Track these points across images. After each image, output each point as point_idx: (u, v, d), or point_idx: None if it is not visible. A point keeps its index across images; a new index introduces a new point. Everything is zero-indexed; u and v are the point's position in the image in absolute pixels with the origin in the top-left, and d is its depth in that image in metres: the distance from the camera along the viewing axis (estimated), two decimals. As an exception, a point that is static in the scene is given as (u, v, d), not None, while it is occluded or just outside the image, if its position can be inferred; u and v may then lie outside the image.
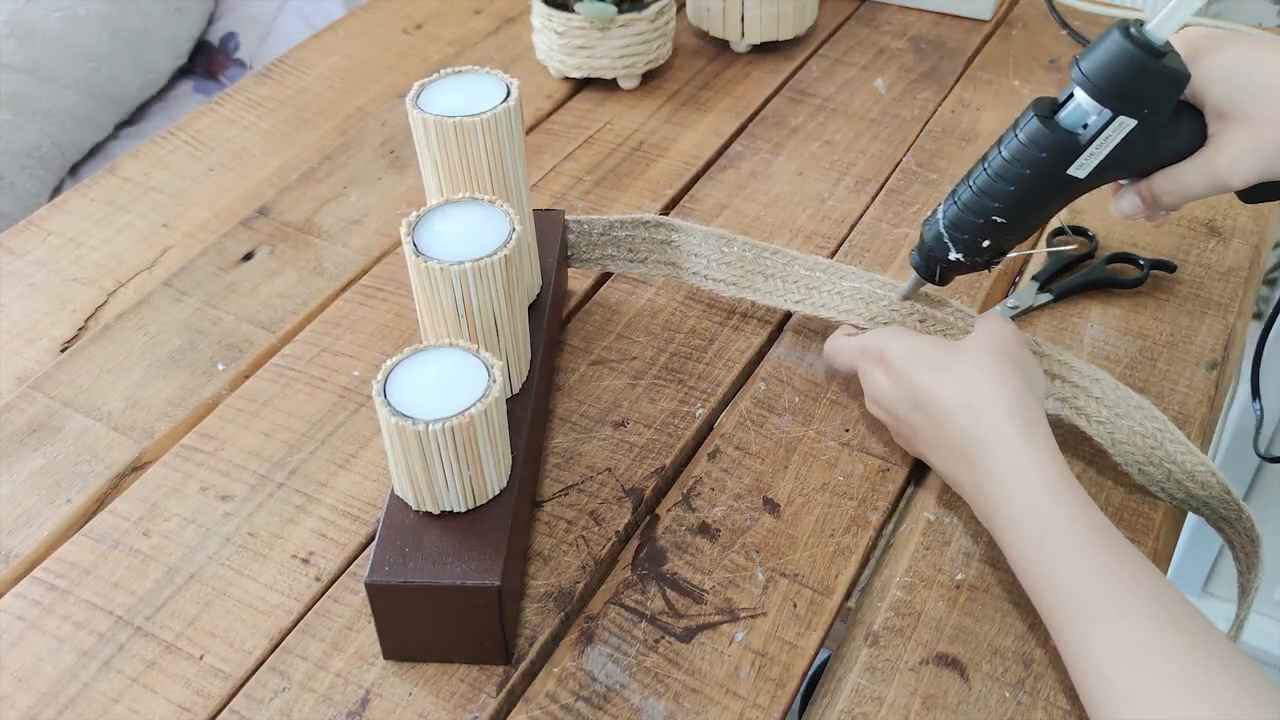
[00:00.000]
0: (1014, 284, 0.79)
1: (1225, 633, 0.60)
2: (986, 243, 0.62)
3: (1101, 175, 0.60)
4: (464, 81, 0.65)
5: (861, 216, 0.84)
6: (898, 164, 0.89)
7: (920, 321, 0.67)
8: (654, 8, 0.94)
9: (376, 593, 0.54)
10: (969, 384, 0.58)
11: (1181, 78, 0.57)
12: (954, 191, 0.63)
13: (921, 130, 0.92)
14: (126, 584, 0.61)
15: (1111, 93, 0.57)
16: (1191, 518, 0.66)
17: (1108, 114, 0.57)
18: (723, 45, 1.03)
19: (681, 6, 1.06)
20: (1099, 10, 1.04)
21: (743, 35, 1.00)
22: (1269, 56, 0.58)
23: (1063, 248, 0.79)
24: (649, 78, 0.99)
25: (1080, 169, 0.59)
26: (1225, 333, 0.74)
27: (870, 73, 0.99)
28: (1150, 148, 0.60)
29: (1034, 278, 0.77)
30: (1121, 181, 0.64)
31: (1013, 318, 0.75)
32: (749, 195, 0.86)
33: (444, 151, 0.63)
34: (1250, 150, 0.58)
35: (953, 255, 0.63)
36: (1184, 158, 0.60)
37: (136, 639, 0.59)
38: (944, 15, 1.06)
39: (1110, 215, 0.82)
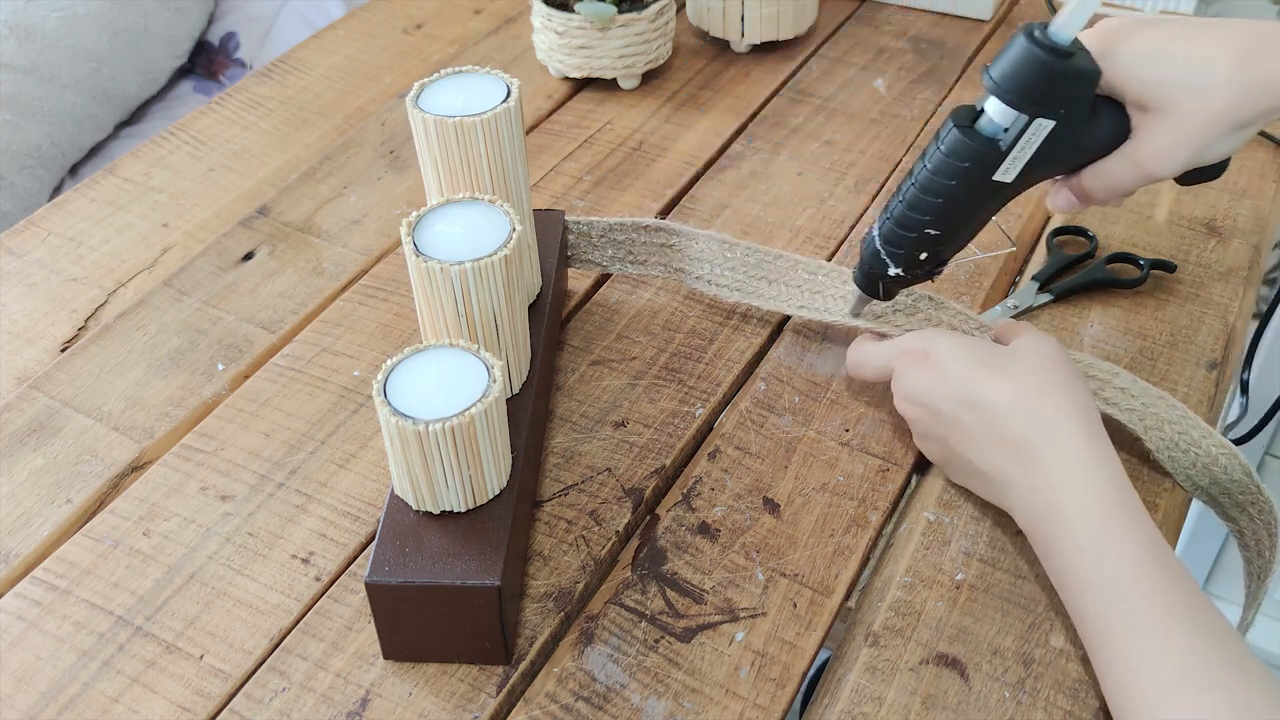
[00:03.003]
0: (1014, 284, 0.79)
1: (1238, 624, 0.60)
2: (924, 255, 0.62)
3: (1029, 177, 0.60)
4: (464, 81, 0.65)
5: (861, 216, 0.84)
6: (898, 164, 0.89)
7: (924, 323, 0.67)
8: (654, 8, 0.94)
9: (376, 593, 0.54)
10: (1031, 385, 0.58)
11: (1092, 74, 0.57)
12: (887, 207, 0.63)
13: (921, 130, 0.92)
14: (126, 584, 0.61)
15: (1024, 96, 0.56)
16: (1191, 518, 0.66)
17: (1024, 118, 0.57)
18: (723, 45, 1.03)
19: (681, 6, 1.06)
20: (1098, 10, 1.04)
21: (743, 35, 1.00)
22: (1178, 46, 0.57)
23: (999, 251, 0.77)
24: (649, 78, 0.99)
25: (1006, 174, 0.59)
26: (1225, 333, 0.74)
27: (870, 73, 0.99)
28: (1073, 145, 0.60)
29: (1034, 278, 0.77)
30: (1055, 178, 0.64)
31: (1012, 318, 0.75)
32: (749, 195, 0.86)
33: (444, 151, 0.63)
34: (1174, 143, 0.58)
35: (892, 271, 0.63)
36: (1110, 150, 0.60)
37: (136, 639, 0.59)
38: (944, 15, 1.06)
39: (1110, 215, 0.82)
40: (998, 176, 0.59)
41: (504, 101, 0.63)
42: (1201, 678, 0.48)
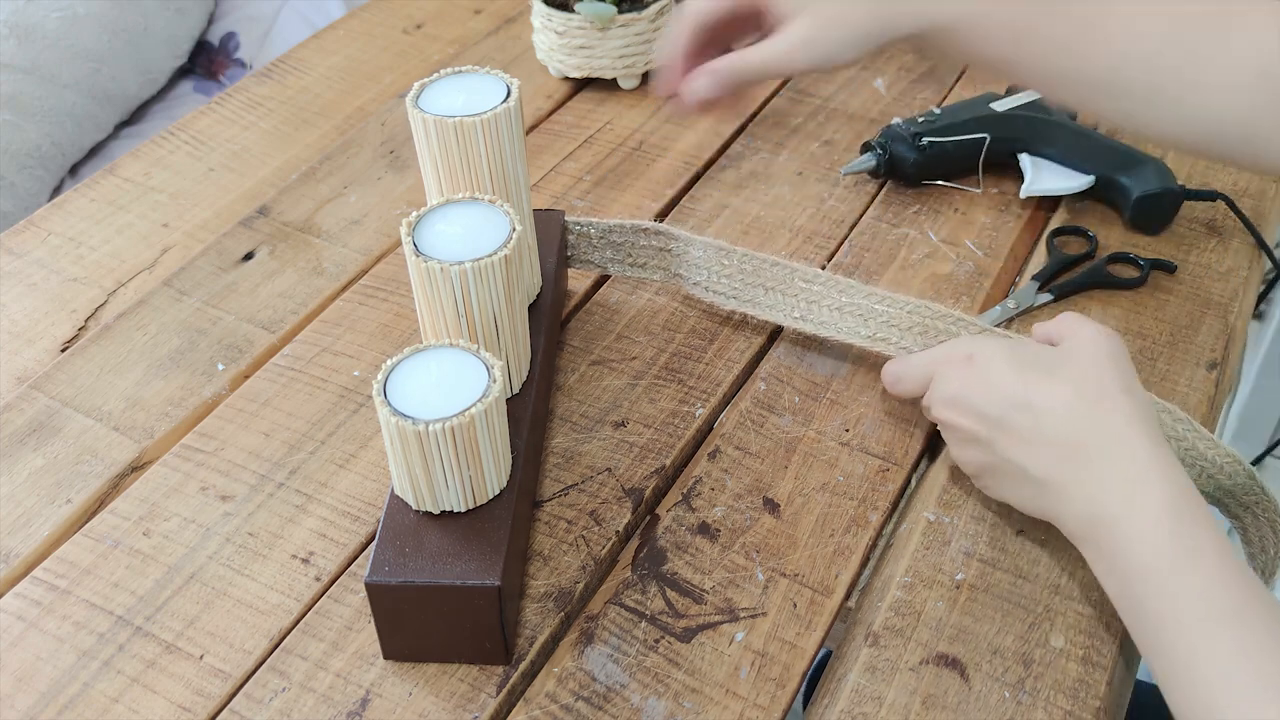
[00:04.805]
0: (1014, 284, 0.79)
1: None
2: None
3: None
4: (464, 81, 0.65)
5: (861, 216, 0.84)
6: (898, 164, 0.89)
7: (922, 334, 0.67)
8: (654, 8, 0.94)
9: (376, 592, 0.54)
10: (1087, 385, 0.56)
11: None
12: None
13: (921, 130, 0.92)
14: (126, 584, 0.61)
15: None
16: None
17: None
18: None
19: (681, 6, 1.06)
20: None
21: (743, 35, 1.00)
22: None
23: None
24: (649, 78, 0.99)
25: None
26: (1225, 333, 0.74)
27: (870, 73, 0.99)
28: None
29: (1034, 278, 0.77)
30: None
31: (1012, 318, 0.75)
32: (749, 195, 0.86)
33: (444, 151, 0.63)
34: (809, 29, 0.66)
35: None
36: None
37: (136, 639, 0.59)
38: (944, 15, 1.06)
39: (1110, 215, 0.82)
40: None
41: (504, 101, 0.63)
42: None
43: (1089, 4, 0.65)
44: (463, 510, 0.56)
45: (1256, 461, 0.93)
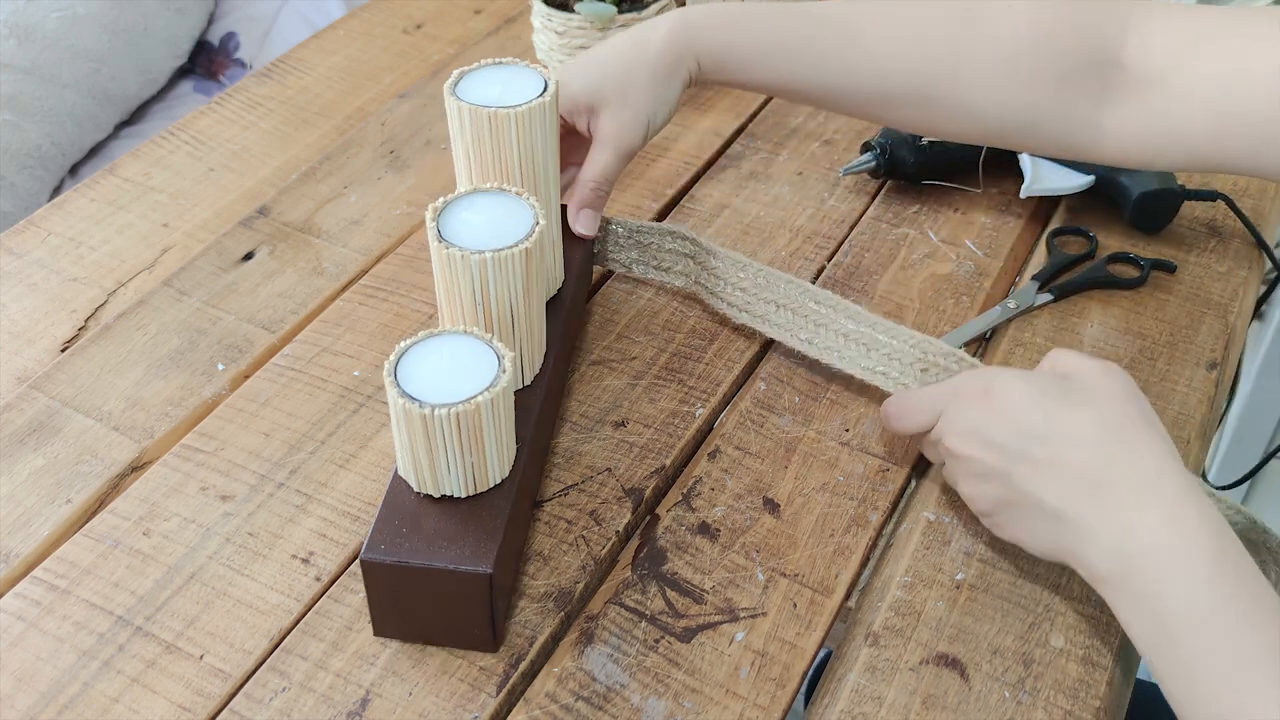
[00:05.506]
0: (1014, 284, 0.79)
1: None
2: None
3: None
4: (503, 72, 0.65)
5: (861, 216, 0.84)
6: (898, 164, 0.89)
7: (923, 371, 0.66)
8: (654, 8, 0.94)
9: (371, 569, 0.54)
10: (1111, 417, 0.55)
11: None
12: None
13: (921, 130, 0.92)
14: (126, 584, 0.61)
15: None
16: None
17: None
18: (723, 45, 1.03)
19: (680, 6, 1.06)
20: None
21: (743, 35, 1.00)
22: (583, 61, 0.71)
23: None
24: (649, 78, 0.99)
25: None
26: (1225, 333, 0.74)
27: (870, 73, 0.99)
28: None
29: (1034, 278, 0.77)
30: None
31: (1012, 318, 0.75)
32: (749, 195, 0.86)
33: (476, 141, 0.63)
34: (628, 116, 0.70)
35: None
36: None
37: (136, 639, 0.59)
38: (944, 15, 1.06)
39: (1110, 215, 0.82)
40: None
41: (540, 96, 0.63)
42: None
43: (837, 19, 0.69)
44: (463, 496, 0.56)
45: (1258, 468, 0.93)
